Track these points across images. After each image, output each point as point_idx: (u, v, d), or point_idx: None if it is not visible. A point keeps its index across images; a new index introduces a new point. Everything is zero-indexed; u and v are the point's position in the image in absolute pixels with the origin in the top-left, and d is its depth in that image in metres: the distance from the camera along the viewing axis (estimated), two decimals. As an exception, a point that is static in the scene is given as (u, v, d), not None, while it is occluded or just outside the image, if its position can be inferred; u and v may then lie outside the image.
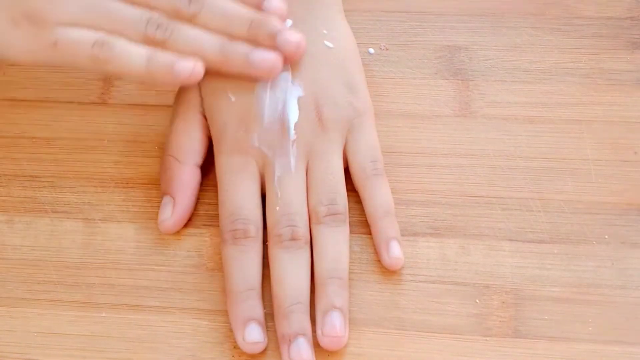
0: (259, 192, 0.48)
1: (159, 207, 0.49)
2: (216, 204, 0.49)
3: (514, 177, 0.50)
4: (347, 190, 0.48)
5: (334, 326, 0.44)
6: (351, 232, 0.48)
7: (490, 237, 0.48)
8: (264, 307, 0.45)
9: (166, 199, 0.49)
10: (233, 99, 0.49)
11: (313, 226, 0.47)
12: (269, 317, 0.45)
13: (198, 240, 0.49)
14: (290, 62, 0.48)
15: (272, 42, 0.47)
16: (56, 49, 0.46)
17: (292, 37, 0.47)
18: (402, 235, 0.48)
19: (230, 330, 0.45)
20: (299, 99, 0.49)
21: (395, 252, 0.47)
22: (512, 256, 0.47)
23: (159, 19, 0.46)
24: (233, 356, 0.45)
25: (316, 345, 0.44)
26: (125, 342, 0.46)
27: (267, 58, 0.46)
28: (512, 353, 0.44)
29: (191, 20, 0.47)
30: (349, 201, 0.48)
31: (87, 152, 0.52)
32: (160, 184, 0.50)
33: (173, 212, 0.48)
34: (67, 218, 0.50)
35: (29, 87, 0.55)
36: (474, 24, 0.56)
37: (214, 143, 0.49)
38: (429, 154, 0.51)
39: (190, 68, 0.45)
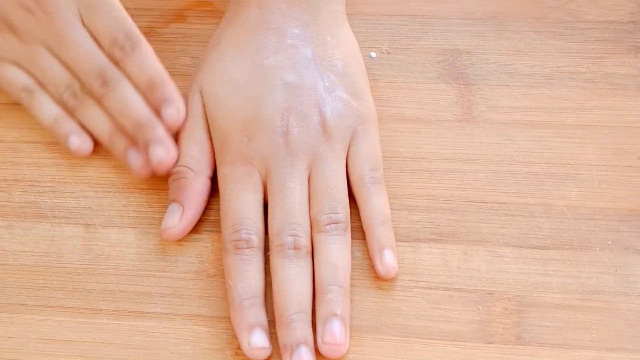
0: (262, 202, 0.48)
1: (160, 212, 0.49)
2: (217, 210, 0.48)
3: (517, 182, 0.50)
4: (350, 196, 0.48)
5: (333, 334, 0.44)
6: (353, 238, 0.48)
7: (492, 243, 0.48)
8: (267, 315, 0.45)
9: (174, 207, 0.48)
10: (236, 108, 0.49)
11: (314, 234, 0.47)
12: (271, 325, 0.45)
13: (199, 246, 0.49)
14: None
15: (145, 150, 0.49)
16: None
17: (157, 153, 0.49)
18: (405, 241, 0.48)
19: (232, 336, 0.45)
20: (303, 107, 0.49)
21: (388, 260, 0.47)
22: (514, 262, 0.47)
23: (75, 89, 0.51)
24: (234, 363, 0.45)
25: (318, 354, 0.44)
26: (126, 348, 0.46)
27: (136, 165, 0.50)
28: (514, 360, 0.44)
29: (99, 99, 0.50)
30: (351, 207, 0.48)
31: (87, 157, 0.52)
32: (168, 191, 0.49)
33: (181, 219, 0.48)
34: (68, 223, 0.50)
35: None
36: (476, 28, 0.56)
37: (216, 152, 0.49)
38: (431, 159, 0.51)
39: (76, 146, 0.51)
